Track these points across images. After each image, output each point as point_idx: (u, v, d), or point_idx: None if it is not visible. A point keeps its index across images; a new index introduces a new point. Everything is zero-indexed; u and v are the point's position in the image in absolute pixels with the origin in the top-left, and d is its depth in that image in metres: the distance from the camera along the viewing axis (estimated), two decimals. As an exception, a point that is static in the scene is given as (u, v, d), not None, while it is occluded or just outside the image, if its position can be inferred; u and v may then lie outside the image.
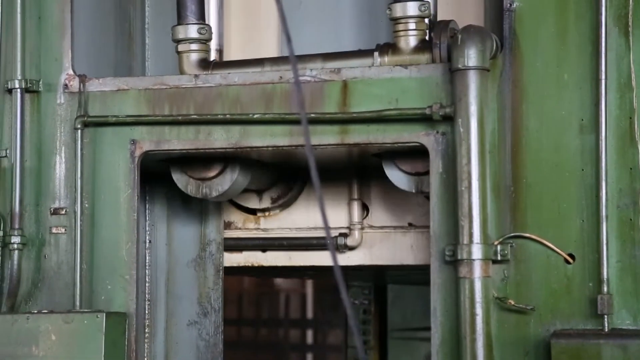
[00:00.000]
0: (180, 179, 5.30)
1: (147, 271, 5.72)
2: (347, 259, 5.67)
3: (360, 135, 4.85)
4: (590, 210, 4.57)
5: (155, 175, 5.66)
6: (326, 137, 4.88)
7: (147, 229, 5.74)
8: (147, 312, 5.72)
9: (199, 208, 5.78)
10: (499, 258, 4.62)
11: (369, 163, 5.44)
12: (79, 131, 5.10)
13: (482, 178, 4.61)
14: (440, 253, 4.70)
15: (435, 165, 4.74)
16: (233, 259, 5.81)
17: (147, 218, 5.77)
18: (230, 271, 5.83)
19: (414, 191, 5.13)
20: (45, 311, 5.04)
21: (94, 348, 4.90)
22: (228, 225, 5.83)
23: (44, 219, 5.16)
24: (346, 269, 5.92)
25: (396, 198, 5.47)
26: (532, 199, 4.64)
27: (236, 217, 5.85)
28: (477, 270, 4.59)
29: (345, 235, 5.65)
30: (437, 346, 4.70)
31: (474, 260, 4.58)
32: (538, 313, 4.61)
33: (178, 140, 5.05)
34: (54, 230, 5.15)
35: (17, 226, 5.14)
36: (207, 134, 5.03)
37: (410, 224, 5.61)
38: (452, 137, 4.67)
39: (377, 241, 5.65)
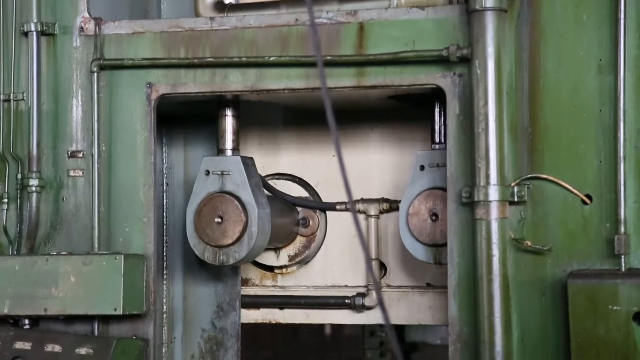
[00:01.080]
0: (197, 246, 5.24)
1: (164, 213, 5.74)
2: (365, 318, 5.65)
3: (376, 77, 4.84)
4: (608, 150, 4.57)
5: (172, 118, 5.66)
6: (342, 80, 4.87)
7: (164, 171, 5.76)
8: (165, 253, 5.75)
9: (215, 150, 5.78)
10: (515, 199, 4.63)
11: (384, 107, 5.42)
12: (95, 74, 5.10)
13: (499, 120, 4.60)
14: (457, 195, 4.71)
15: (452, 107, 4.73)
16: (250, 316, 5.78)
17: (164, 161, 5.78)
18: (247, 326, 5.78)
19: (432, 262, 5.13)
20: (64, 253, 5.08)
21: (112, 289, 4.95)
22: (245, 282, 5.78)
23: (61, 162, 5.18)
24: (363, 327, 5.79)
25: (414, 258, 5.38)
26: (549, 140, 4.64)
27: (253, 274, 5.81)
28: (494, 212, 4.60)
29: (363, 295, 5.62)
30: (454, 287, 4.72)
31: (490, 201, 4.59)
32: (555, 254, 4.62)
33: (194, 83, 5.05)
34: (71, 173, 5.17)
35: (35, 169, 5.17)
36: (223, 77, 5.02)
37: (428, 284, 5.58)
38: (469, 78, 4.66)
39: (395, 300, 5.61)
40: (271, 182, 5.66)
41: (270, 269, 5.79)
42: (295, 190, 5.72)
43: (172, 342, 5.75)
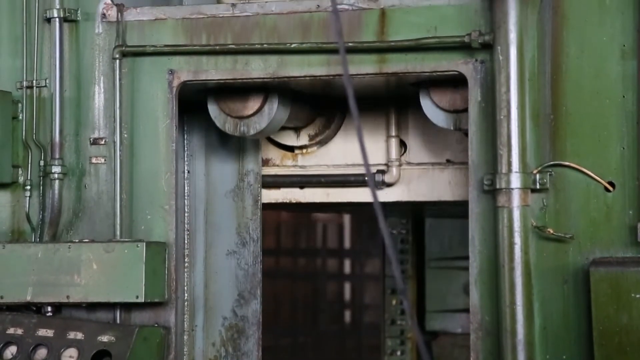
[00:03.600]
0: (218, 117, 5.30)
1: (186, 201, 5.74)
2: (385, 196, 5.67)
3: (398, 64, 4.82)
4: (631, 137, 4.53)
5: (194, 106, 5.66)
6: (364, 67, 4.86)
7: (185, 159, 5.76)
8: (186, 241, 5.76)
9: (237, 138, 5.78)
10: (537, 187, 4.61)
11: (407, 94, 5.41)
12: (117, 61, 5.11)
13: (521, 106, 4.58)
14: (479, 182, 4.69)
15: (474, 93, 4.71)
16: (271, 196, 5.83)
17: (186, 148, 5.78)
18: (268, 207, 5.84)
19: (452, 128, 5.10)
20: (87, 240, 5.09)
21: (134, 277, 4.96)
22: (266, 162, 5.83)
23: (83, 149, 5.19)
24: (384, 205, 5.87)
25: (434, 134, 5.43)
26: (571, 126, 4.61)
27: (274, 154, 5.85)
28: (516, 199, 4.58)
29: (383, 172, 5.64)
30: (476, 275, 4.70)
31: (512, 189, 4.57)
32: (577, 241, 4.60)
33: (216, 70, 5.05)
34: (93, 160, 5.18)
35: (57, 156, 5.18)
36: (245, 64, 5.02)
37: (448, 160, 5.59)
38: (491, 65, 4.63)
39: (415, 177, 5.63)
40: None
41: (290, 149, 5.82)
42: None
43: (193, 330, 5.76)
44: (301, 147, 5.78)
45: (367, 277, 11.81)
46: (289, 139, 5.79)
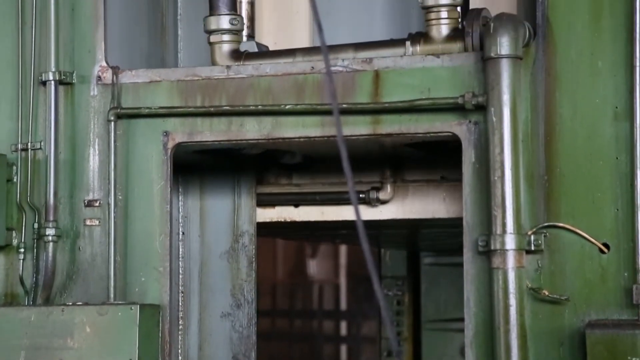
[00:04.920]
0: None
1: (180, 263, 5.73)
2: (379, 213, 5.68)
3: (392, 125, 4.83)
4: (625, 198, 4.53)
5: (188, 167, 5.67)
6: (358, 128, 4.87)
7: (180, 220, 5.76)
8: (180, 304, 5.73)
9: (232, 199, 5.78)
10: (532, 248, 4.59)
11: (402, 154, 5.43)
12: (112, 123, 5.12)
13: (515, 167, 4.58)
14: (474, 243, 4.67)
15: (468, 154, 4.72)
16: (266, 215, 5.83)
17: (180, 210, 5.78)
18: (262, 226, 5.80)
19: None
20: (80, 303, 5.06)
21: (128, 340, 4.92)
22: (261, 181, 5.82)
23: (78, 211, 5.18)
24: (378, 224, 5.90)
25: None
26: (566, 188, 4.61)
27: (269, 172, 5.84)
28: (511, 261, 4.56)
29: (377, 189, 5.64)
30: (471, 337, 4.68)
31: (507, 250, 4.56)
32: (573, 303, 4.57)
33: (210, 132, 5.06)
34: (88, 223, 5.17)
35: (51, 218, 5.16)
36: (240, 125, 5.03)
37: (442, 177, 5.60)
38: (485, 126, 4.64)
39: (410, 195, 5.64)
40: None
41: (285, 167, 5.74)
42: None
43: (188, 393, 5.72)
44: (296, 165, 5.75)
45: (364, 339, 11.75)
46: (285, 157, 5.76)
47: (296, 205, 5.80)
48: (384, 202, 5.63)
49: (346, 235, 7.74)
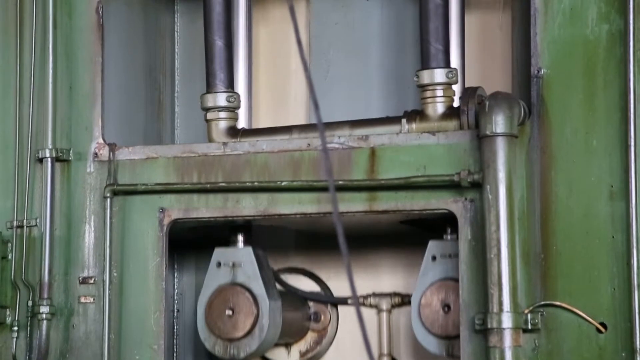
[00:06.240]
0: (208, 339, 5.19)
1: (175, 341, 5.69)
2: None
3: (388, 202, 4.82)
4: (622, 278, 4.50)
5: (184, 244, 5.65)
6: (354, 204, 4.86)
7: (175, 298, 5.72)
8: (175, 381, 5.68)
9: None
10: (529, 327, 4.55)
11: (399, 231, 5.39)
12: (108, 200, 5.11)
13: (511, 245, 4.56)
14: (470, 322, 4.64)
15: (464, 232, 4.70)
16: None
17: (176, 287, 5.75)
18: None
19: (444, 355, 5.07)
20: (73, 381, 5.02)
21: (122, 418, 4.87)
22: None
23: (72, 288, 5.15)
24: None
25: (426, 353, 5.30)
26: (562, 266, 4.58)
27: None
28: (508, 340, 4.52)
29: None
30: (469, 417, 4.62)
31: (504, 329, 4.52)
32: (570, 383, 4.53)
33: (206, 208, 5.05)
34: (82, 300, 5.14)
35: (46, 296, 5.13)
36: (236, 202, 5.02)
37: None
38: (481, 204, 4.63)
39: None
40: (282, 277, 5.60)
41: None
42: (306, 285, 5.66)
43: None
44: None
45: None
46: (280, 356, 5.68)
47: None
48: None
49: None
